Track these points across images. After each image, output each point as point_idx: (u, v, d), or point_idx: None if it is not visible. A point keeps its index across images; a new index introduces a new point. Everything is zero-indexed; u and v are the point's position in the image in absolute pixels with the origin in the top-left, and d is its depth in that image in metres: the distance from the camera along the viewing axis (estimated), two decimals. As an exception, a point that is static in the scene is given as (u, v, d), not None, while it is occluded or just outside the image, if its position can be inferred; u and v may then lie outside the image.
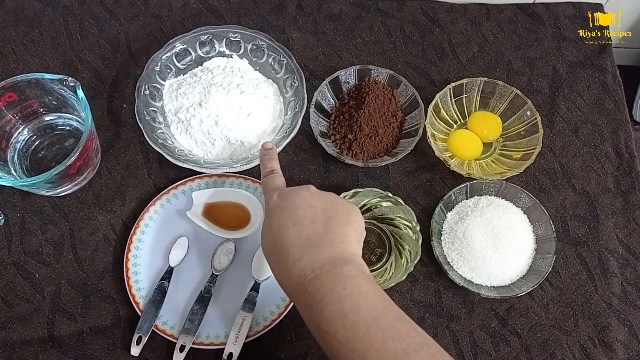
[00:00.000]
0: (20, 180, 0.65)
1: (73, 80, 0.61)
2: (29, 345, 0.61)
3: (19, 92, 0.64)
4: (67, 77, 0.62)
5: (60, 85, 0.62)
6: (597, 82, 0.77)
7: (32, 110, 0.67)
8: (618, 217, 0.69)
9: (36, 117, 0.69)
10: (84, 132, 0.60)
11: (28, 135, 0.69)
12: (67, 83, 0.61)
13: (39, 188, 0.63)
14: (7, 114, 0.66)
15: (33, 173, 0.67)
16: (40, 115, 0.69)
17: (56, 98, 0.66)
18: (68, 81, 0.61)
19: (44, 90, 0.65)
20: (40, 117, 0.69)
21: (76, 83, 0.61)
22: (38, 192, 0.65)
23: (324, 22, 0.79)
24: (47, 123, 0.69)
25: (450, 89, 0.71)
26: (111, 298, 0.63)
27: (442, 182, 0.70)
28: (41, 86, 0.64)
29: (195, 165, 0.65)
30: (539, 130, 0.68)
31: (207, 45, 0.72)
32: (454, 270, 0.64)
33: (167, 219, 0.66)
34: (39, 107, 0.67)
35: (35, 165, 0.68)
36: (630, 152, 0.72)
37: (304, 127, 0.70)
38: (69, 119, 0.69)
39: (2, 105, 0.64)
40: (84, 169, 0.65)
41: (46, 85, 0.64)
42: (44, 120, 0.69)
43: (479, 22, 0.80)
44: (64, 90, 0.63)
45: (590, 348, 0.63)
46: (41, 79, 0.63)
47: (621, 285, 0.65)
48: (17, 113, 0.66)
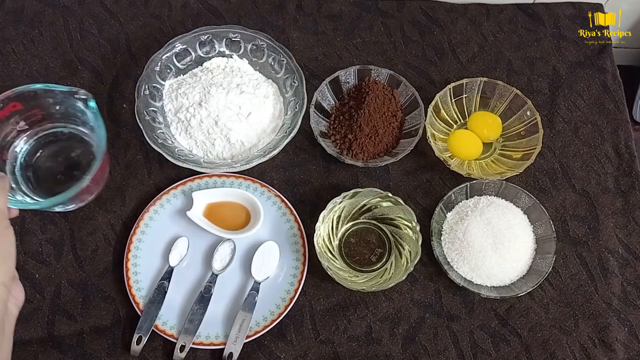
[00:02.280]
0: (33, 203, 0.61)
1: (85, 93, 0.58)
2: (28, 345, 0.61)
3: (24, 101, 0.61)
4: (78, 89, 0.59)
5: (70, 97, 0.59)
6: (597, 82, 0.77)
7: (36, 119, 0.64)
8: (618, 217, 0.69)
9: (40, 126, 0.65)
10: (97, 150, 0.54)
11: (31, 144, 0.65)
12: (79, 96, 0.59)
13: (49, 208, 0.60)
14: (9, 123, 0.62)
15: (38, 185, 0.64)
16: (44, 124, 0.65)
17: (65, 108, 0.63)
18: (79, 94, 0.59)
19: (52, 101, 0.62)
20: (44, 125, 0.65)
21: (88, 96, 0.58)
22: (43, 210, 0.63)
23: (324, 22, 0.79)
24: (50, 132, 0.66)
25: (450, 89, 0.71)
26: (111, 298, 0.63)
27: (442, 182, 0.70)
28: (49, 96, 0.61)
29: (195, 165, 0.65)
30: (539, 130, 0.68)
31: (207, 45, 0.72)
32: (454, 270, 0.64)
33: (167, 219, 0.66)
34: (44, 117, 0.64)
35: (41, 177, 0.65)
36: (630, 152, 0.72)
37: (304, 127, 0.70)
38: (74, 128, 0.66)
39: (4, 115, 0.60)
40: (94, 188, 0.64)
41: (56, 97, 0.61)
42: (46, 129, 0.65)
43: (479, 22, 0.80)
44: (71, 100, 0.60)
45: (591, 348, 0.63)
46: (50, 90, 0.60)
47: (621, 285, 0.65)
48: (20, 122, 0.63)
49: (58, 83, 0.73)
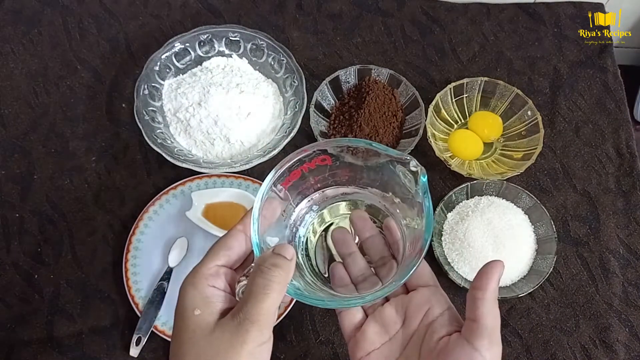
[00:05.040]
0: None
1: (417, 164, 0.40)
2: (27, 345, 0.61)
3: (335, 157, 0.44)
4: (411, 157, 0.41)
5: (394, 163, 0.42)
6: (598, 82, 0.77)
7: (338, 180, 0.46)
8: (619, 217, 0.69)
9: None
10: (426, 232, 0.39)
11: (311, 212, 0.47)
12: (409, 167, 0.41)
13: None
14: (308, 181, 0.45)
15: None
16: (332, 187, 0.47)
17: (378, 175, 0.45)
18: (409, 165, 0.40)
19: (368, 165, 0.44)
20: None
21: (419, 168, 0.40)
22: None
23: (324, 21, 0.79)
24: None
25: (451, 88, 0.70)
26: (110, 299, 0.63)
27: (443, 182, 0.70)
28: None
29: (195, 165, 0.65)
30: (539, 130, 0.68)
31: (207, 44, 0.72)
32: (455, 270, 0.64)
33: (167, 219, 0.66)
34: (347, 182, 0.47)
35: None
36: (631, 152, 0.72)
37: (303, 127, 0.70)
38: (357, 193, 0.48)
39: (310, 168, 0.43)
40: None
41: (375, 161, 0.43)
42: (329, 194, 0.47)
43: (480, 22, 0.80)
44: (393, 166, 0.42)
45: (591, 349, 0.62)
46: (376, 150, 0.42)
47: (622, 286, 0.65)
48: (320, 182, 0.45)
49: (57, 83, 0.73)
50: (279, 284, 0.35)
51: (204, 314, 0.36)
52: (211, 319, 0.36)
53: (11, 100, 0.72)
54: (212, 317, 0.36)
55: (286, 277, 0.36)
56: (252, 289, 0.35)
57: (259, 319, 0.34)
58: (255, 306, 0.34)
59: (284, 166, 0.42)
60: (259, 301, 0.34)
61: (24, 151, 0.70)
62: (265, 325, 0.34)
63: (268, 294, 0.34)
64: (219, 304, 0.37)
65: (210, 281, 0.37)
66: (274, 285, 0.35)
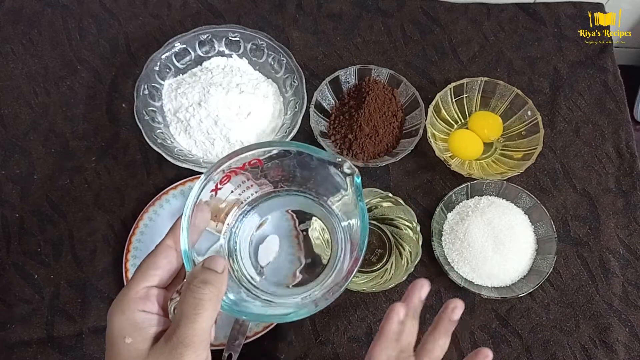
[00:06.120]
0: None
1: (350, 166, 0.41)
2: (27, 346, 0.61)
3: (266, 159, 0.43)
4: (344, 159, 0.41)
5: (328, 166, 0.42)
6: (598, 82, 0.77)
7: (270, 180, 0.46)
8: (619, 217, 0.69)
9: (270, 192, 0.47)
10: (362, 235, 0.39)
11: (255, 213, 0.48)
12: (342, 169, 0.41)
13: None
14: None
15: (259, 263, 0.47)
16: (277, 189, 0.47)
17: (312, 174, 0.45)
18: (343, 167, 0.41)
19: (301, 165, 0.44)
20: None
21: (353, 170, 0.41)
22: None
23: (324, 21, 0.79)
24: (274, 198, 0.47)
25: (451, 88, 0.70)
26: (110, 299, 0.63)
27: (443, 182, 0.70)
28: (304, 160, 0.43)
29: (195, 165, 0.65)
30: (539, 130, 0.68)
31: (207, 44, 0.72)
32: (455, 270, 0.64)
33: (167, 219, 0.65)
34: (280, 180, 0.47)
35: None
36: (632, 152, 0.72)
37: (303, 127, 0.70)
38: (302, 193, 0.47)
39: (240, 171, 0.43)
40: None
41: (308, 162, 0.43)
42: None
43: (480, 22, 0.80)
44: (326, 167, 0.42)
45: (592, 349, 0.62)
46: (309, 154, 0.42)
47: (622, 286, 0.65)
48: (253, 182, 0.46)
49: (57, 83, 0.73)
50: (210, 301, 0.33)
51: (135, 342, 0.34)
52: (143, 347, 0.34)
53: (11, 100, 0.72)
54: (144, 344, 0.34)
55: (218, 293, 0.34)
56: (183, 308, 0.33)
57: (194, 340, 0.32)
58: (188, 328, 0.32)
59: (215, 170, 0.40)
60: (191, 322, 0.32)
61: (24, 151, 0.70)
62: (200, 346, 0.33)
63: (200, 314, 0.32)
64: (151, 329, 0.35)
65: (139, 305, 0.35)
66: (205, 305, 0.33)
